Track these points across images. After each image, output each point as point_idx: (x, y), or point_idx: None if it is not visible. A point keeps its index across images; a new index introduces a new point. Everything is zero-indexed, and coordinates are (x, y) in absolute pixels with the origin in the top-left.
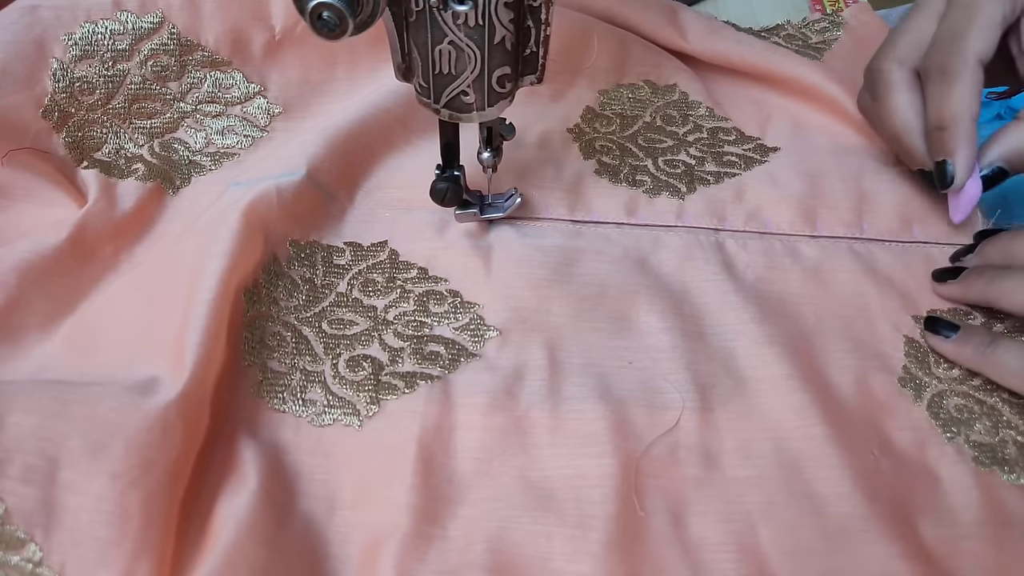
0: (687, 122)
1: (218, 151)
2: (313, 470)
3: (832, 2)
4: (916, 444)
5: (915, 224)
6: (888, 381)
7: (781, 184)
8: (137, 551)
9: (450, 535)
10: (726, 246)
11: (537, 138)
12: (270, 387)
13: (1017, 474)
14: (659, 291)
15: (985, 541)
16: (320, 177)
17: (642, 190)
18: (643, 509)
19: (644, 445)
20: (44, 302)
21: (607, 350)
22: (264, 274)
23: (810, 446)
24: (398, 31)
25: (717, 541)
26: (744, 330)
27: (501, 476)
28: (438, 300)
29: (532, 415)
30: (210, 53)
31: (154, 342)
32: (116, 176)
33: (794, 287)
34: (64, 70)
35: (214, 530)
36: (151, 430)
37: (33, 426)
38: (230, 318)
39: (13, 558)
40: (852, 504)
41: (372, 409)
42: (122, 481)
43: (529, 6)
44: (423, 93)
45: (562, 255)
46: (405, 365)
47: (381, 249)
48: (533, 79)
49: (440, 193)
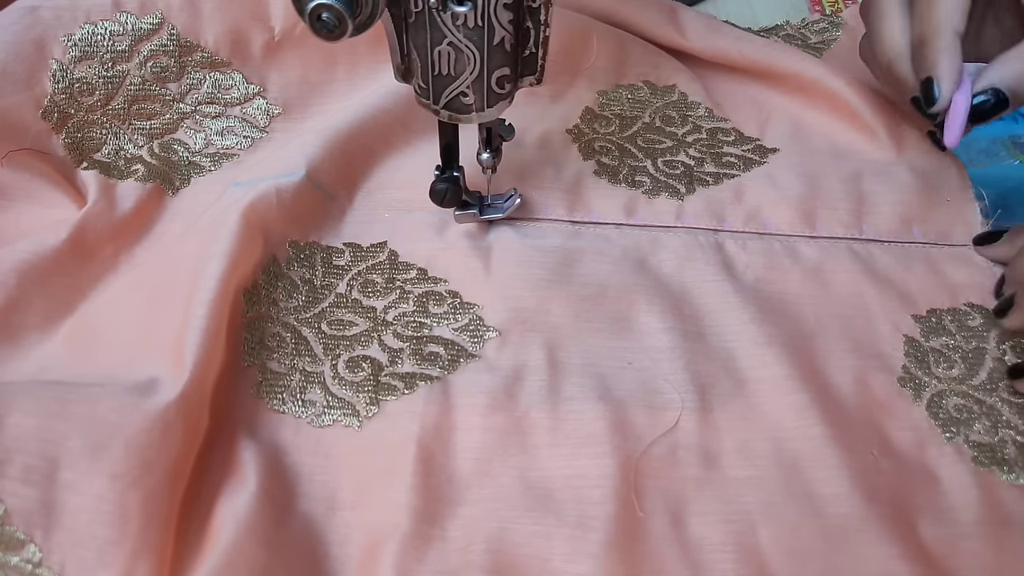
0: (686, 123)
1: (218, 152)
2: (313, 470)
3: (831, 2)
4: (915, 444)
5: (915, 224)
6: (887, 381)
7: (780, 185)
8: (137, 551)
9: (450, 535)
10: (725, 247)
11: (536, 139)
12: (270, 388)
13: (1016, 474)
14: (659, 291)
15: (984, 541)
16: (320, 178)
17: (641, 191)
18: (643, 509)
19: (644, 445)
20: (44, 302)
21: (606, 350)
22: (263, 275)
23: (809, 446)
24: (397, 32)
25: (717, 541)
26: (743, 330)
27: (501, 476)
28: (437, 301)
29: (532, 415)
30: (210, 54)
31: (154, 342)
32: (116, 177)
33: (794, 287)
34: (64, 71)
35: (214, 530)
36: (151, 431)
37: (33, 426)
38: (230, 319)
39: (13, 558)
40: (851, 504)
41: (372, 410)
42: (122, 481)
43: (528, 7)
44: (422, 94)
45: (562, 256)
46: (405, 366)
47: (381, 250)
48: (532, 80)
49: (440, 194)
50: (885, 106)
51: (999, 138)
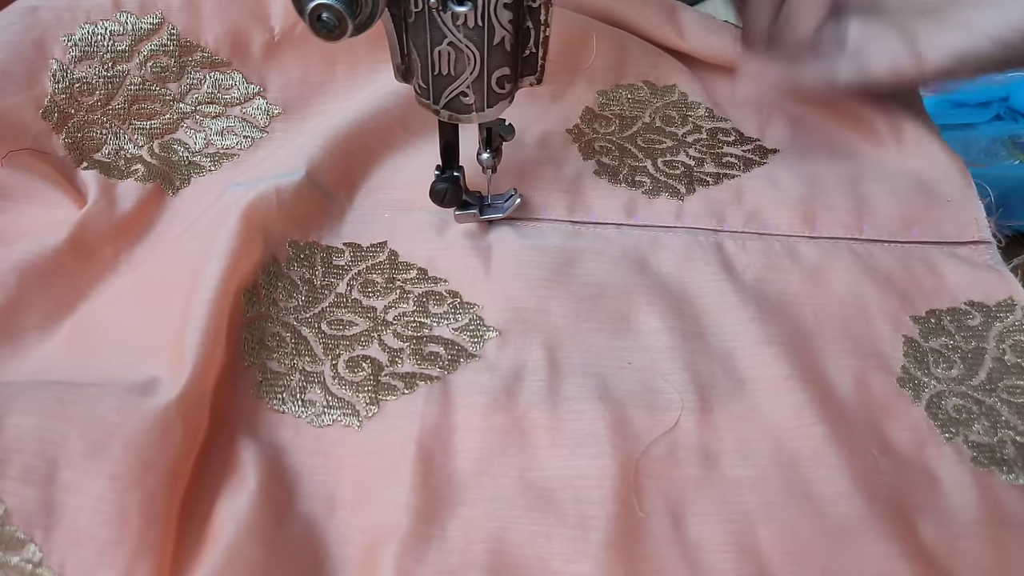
0: (686, 123)
1: (218, 152)
2: (313, 471)
3: None
4: (915, 444)
5: (915, 225)
6: (887, 381)
7: (780, 186)
8: (137, 551)
9: (449, 535)
10: (725, 247)
11: (536, 139)
12: (269, 388)
13: (1016, 474)
14: (658, 291)
15: (984, 541)
16: (319, 178)
17: (641, 191)
18: (642, 509)
19: (643, 445)
20: (44, 302)
21: (606, 350)
22: (263, 275)
23: (809, 446)
24: (397, 32)
25: (717, 541)
26: (743, 330)
27: (500, 477)
28: (437, 301)
29: (531, 415)
30: (210, 54)
31: (154, 342)
32: (116, 177)
33: (793, 287)
34: (64, 71)
35: (214, 531)
36: (151, 431)
37: (33, 427)
38: (230, 319)
39: (13, 558)
40: (851, 504)
41: (371, 410)
42: (122, 482)
43: (528, 7)
44: (422, 94)
45: (561, 256)
46: (404, 366)
47: (381, 250)
48: (532, 80)
49: (440, 194)
50: (885, 106)
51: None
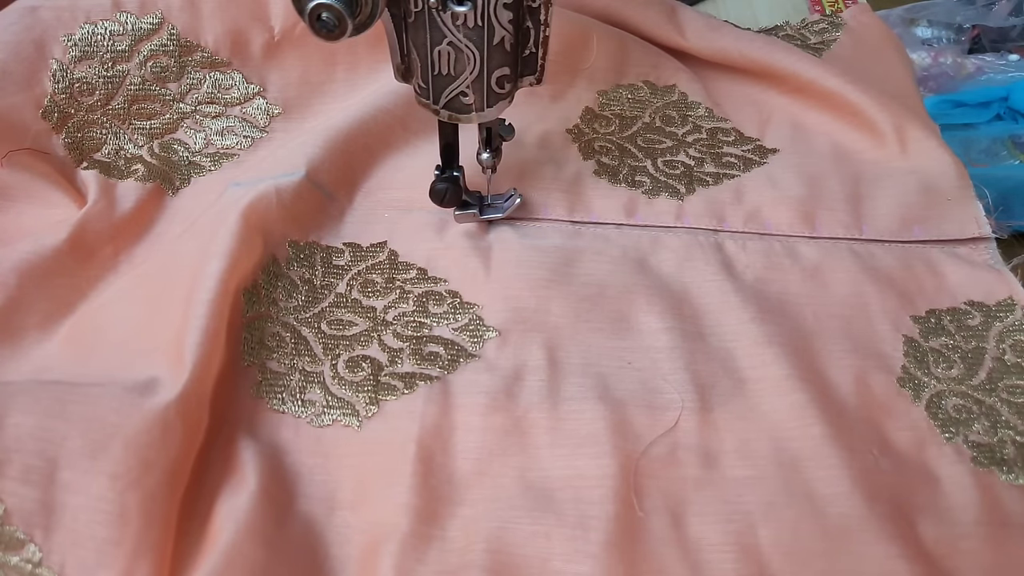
0: (686, 123)
1: (218, 152)
2: (312, 470)
3: (831, 3)
4: (915, 444)
5: (915, 224)
6: (887, 381)
7: (780, 186)
8: (137, 551)
9: (449, 535)
10: (725, 247)
11: (536, 139)
12: (269, 387)
13: (1015, 474)
14: (658, 291)
15: (984, 541)
16: (319, 178)
17: (641, 191)
18: (642, 509)
19: (643, 445)
20: (44, 302)
21: (606, 350)
22: (263, 275)
23: (809, 446)
24: (397, 32)
25: (717, 541)
26: (743, 330)
27: (500, 477)
28: (437, 301)
29: (531, 415)
30: (210, 54)
31: (154, 342)
32: (116, 177)
33: (793, 287)
34: (64, 71)
35: (214, 530)
36: (150, 430)
37: (33, 427)
38: (229, 318)
39: (13, 558)
40: (851, 504)
41: (371, 410)
42: (122, 481)
43: (528, 7)
44: (422, 94)
45: (561, 255)
46: (404, 366)
47: (380, 250)
48: (532, 80)
49: (439, 194)
50: (886, 106)
51: (1000, 138)
